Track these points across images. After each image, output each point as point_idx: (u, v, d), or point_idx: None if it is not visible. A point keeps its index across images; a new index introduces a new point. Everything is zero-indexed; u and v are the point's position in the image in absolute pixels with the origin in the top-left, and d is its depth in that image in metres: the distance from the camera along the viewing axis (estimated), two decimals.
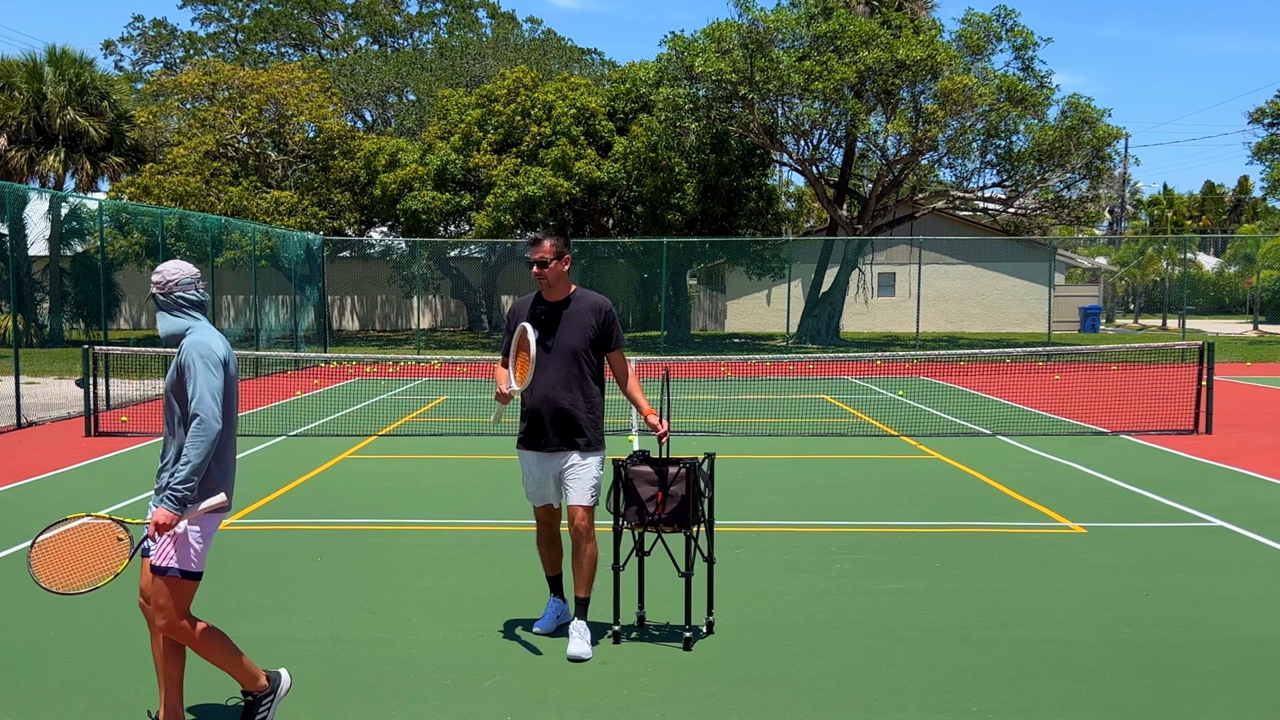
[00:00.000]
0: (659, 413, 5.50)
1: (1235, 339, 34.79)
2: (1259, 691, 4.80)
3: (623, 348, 5.55)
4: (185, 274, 4.28)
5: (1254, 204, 74.36)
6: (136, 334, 37.03)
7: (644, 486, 5.27)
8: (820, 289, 32.87)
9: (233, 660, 4.27)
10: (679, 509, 5.21)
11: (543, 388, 5.32)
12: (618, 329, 5.48)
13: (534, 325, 5.30)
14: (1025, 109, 28.76)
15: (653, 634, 5.55)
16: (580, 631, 5.30)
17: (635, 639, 5.47)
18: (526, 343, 5.15)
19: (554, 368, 5.32)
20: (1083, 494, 9.27)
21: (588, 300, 5.44)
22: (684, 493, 5.21)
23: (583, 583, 5.36)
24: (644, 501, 5.26)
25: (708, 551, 5.49)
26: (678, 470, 5.24)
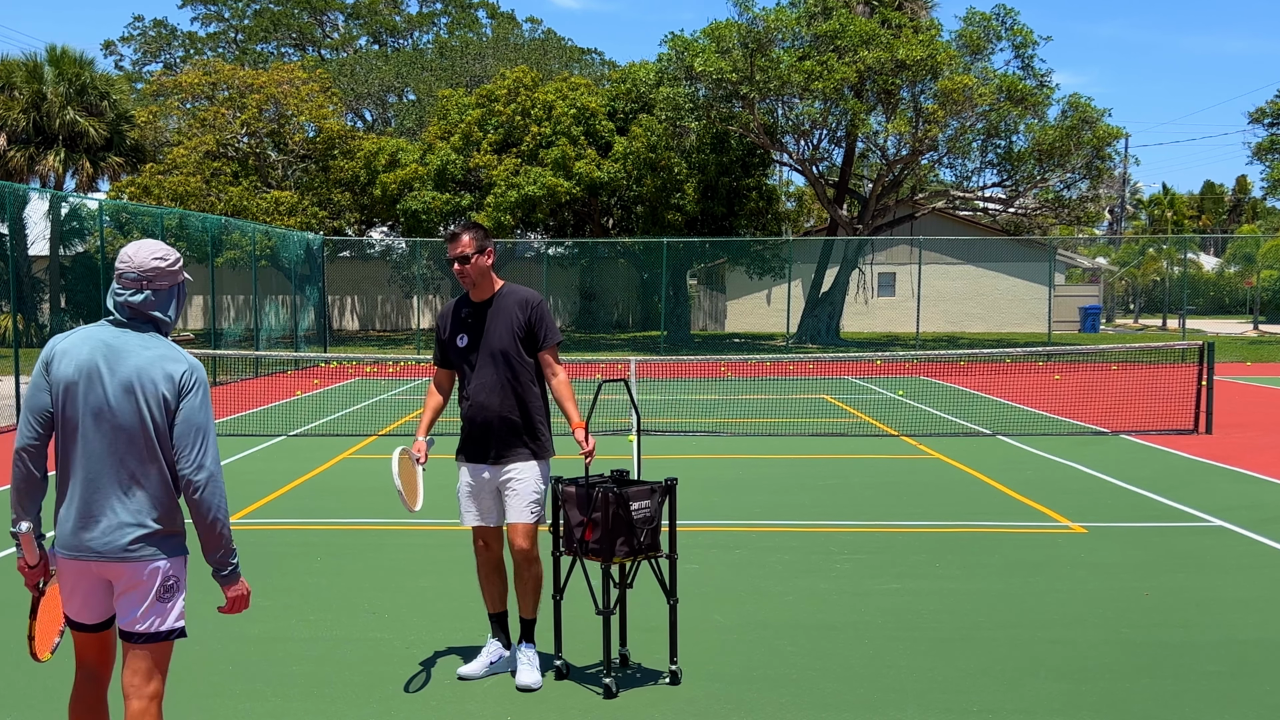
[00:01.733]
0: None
1: (1235, 339, 34.79)
2: (1259, 691, 4.80)
3: (555, 345, 4.98)
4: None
5: (1254, 204, 74.36)
6: None
7: (572, 510, 4.75)
8: (820, 289, 32.87)
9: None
10: (603, 537, 4.63)
11: (476, 394, 4.88)
12: (548, 325, 4.94)
13: (459, 329, 4.94)
14: (1025, 109, 28.76)
15: (622, 677, 4.90)
16: (529, 659, 4.88)
17: (589, 680, 4.88)
18: (410, 469, 4.85)
19: (485, 372, 4.88)
20: (1083, 494, 9.27)
21: (515, 296, 4.95)
22: (605, 521, 4.62)
23: (527, 604, 4.92)
24: (572, 526, 4.76)
25: (669, 589, 4.89)
26: (599, 494, 4.63)
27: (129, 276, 3.34)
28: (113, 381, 3.26)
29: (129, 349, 3.30)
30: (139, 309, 3.35)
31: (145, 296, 3.36)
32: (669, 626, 4.91)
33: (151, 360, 3.29)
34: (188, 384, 3.31)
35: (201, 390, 3.34)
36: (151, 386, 3.26)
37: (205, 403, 3.34)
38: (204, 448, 3.30)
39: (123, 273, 3.34)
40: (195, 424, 3.30)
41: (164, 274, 3.39)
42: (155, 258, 3.37)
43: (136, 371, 3.26)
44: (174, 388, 3.29)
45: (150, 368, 3.28)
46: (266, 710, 4.63)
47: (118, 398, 3.25)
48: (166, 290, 3.41)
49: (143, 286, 3.35)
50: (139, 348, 3.31)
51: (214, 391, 18.71)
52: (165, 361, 3.30)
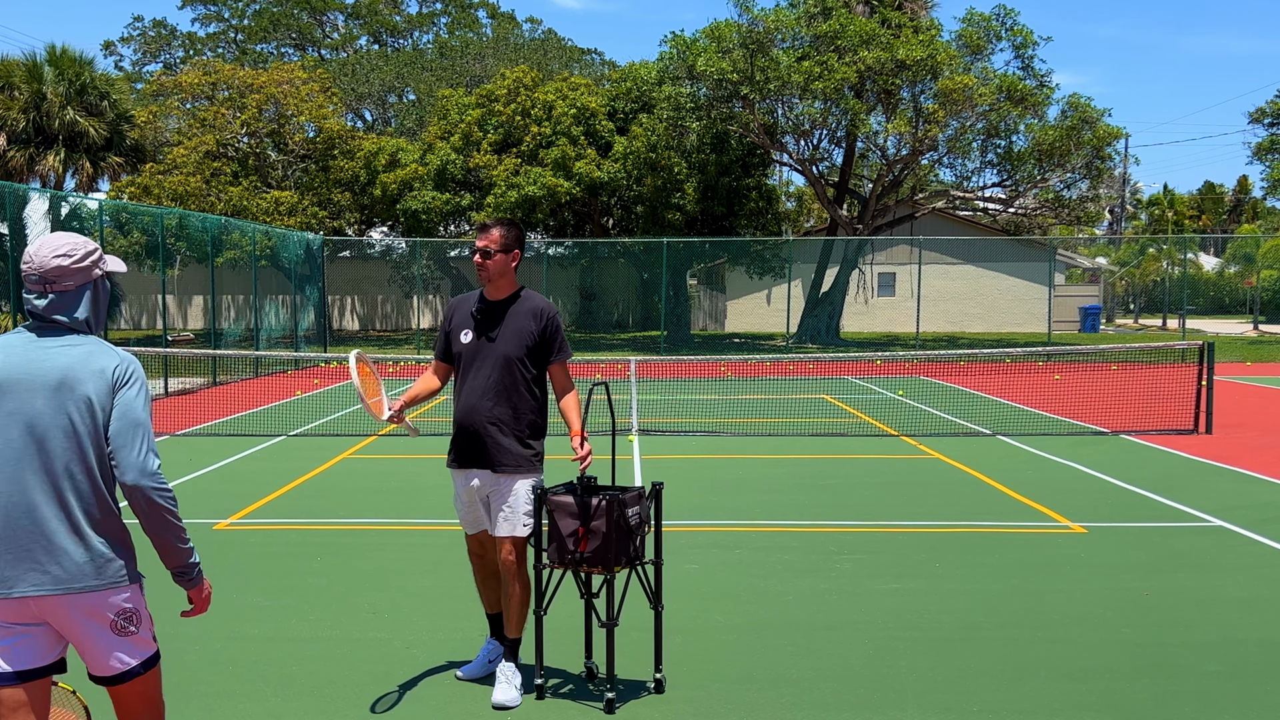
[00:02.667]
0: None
1: (1235, 339, 34.79)
2: (1259, 691, 4.80)
3: (566, 360, 4.84)
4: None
5: (1254, 204, 74.37)
6: (136, 334, 37.03)
7: (565, 520, 4.55)
8: (820, 289, 32.87)
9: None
10: (601, 547, 4.49)
11: (469, 397, 4.71)
12: (561, 339, 4.80)
13: (466, 324, 4.79)
14: (1025, 109, 28.76)
15: (582, 692, 4.78)
16: (508, 675, 4.71)
17: (566, 696, 4.74)
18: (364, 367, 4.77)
19: (483, 375, 4.69)
20: (1083, 494, 9.27)
21: (530, 303, 4.78)
22: (605, 529, 4.47)
23: (512, 623, 4.77)
24: (564, 537, 4.56)
25: (654, 595, 4.76)
26: (598, 503, 4.48)
27: (32, 279, 2.90)
28: (40, 389, 2.85)
29: (52, 351, 2.89)
30: (43, 314, 2.92)
31: (50, 300, 2.92)
32: (654, 634, 4.80)
33: (80, 358, 2.89)
34: (122, 378, 2.90)
35: (138, 383, 2.93)
36: (83, 388, 2.86)
37: (144, 396, 2.94)
38: (143, 445, 2.87)
39: (26, 274, 2.90)
40: (133, 419, 2.88)
41: (69, 272, 2.92)
42: (57, 255, 2.91)
43: (65, 373, 2.85)
44: (108, 384, 2.88)
45: (79, 367, 2.87)
46: (266, 710, 4.63)
47: (41, 408, 2.84)
48: (74, 291, 2.95)
49: (45, 290, 2.92)
50: (64, 347, 2.90)
51: (214, 392, 18.71)
52: (95, 358, 2.89)
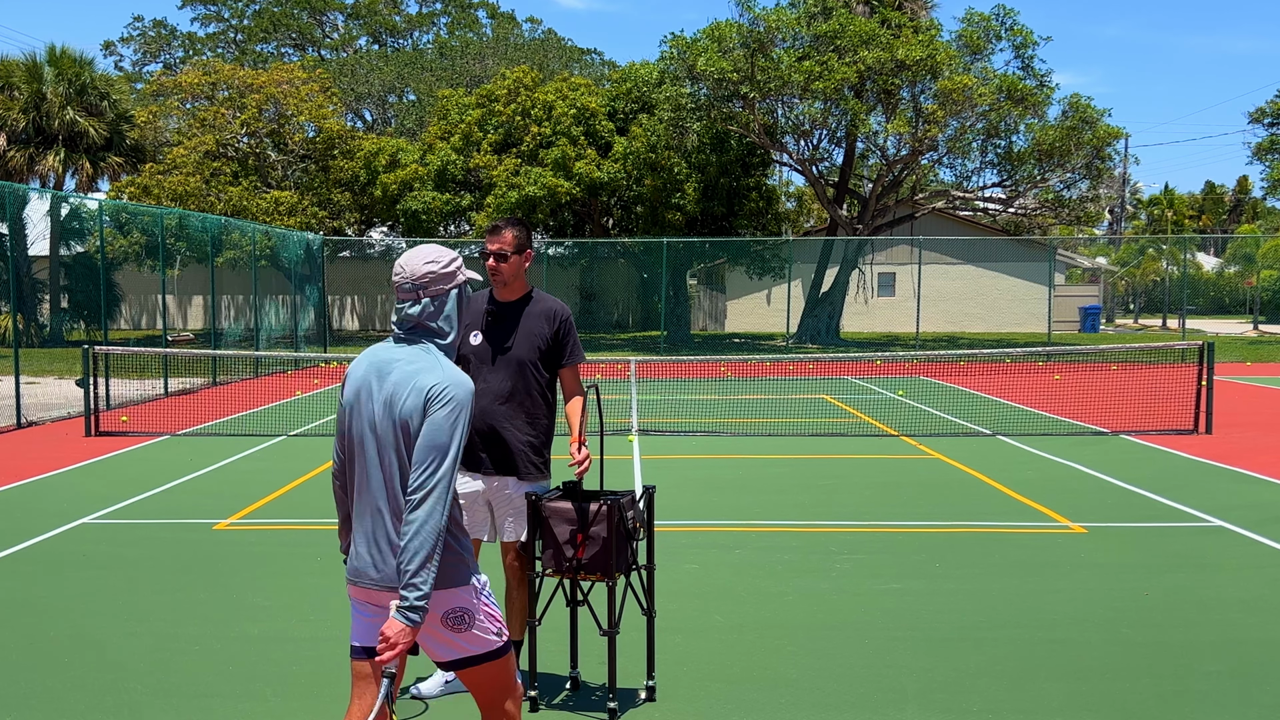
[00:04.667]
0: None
1: (1235, 339, 34.78)
2: (1259, 691, 4.80)
3: (578, 364, 4.74)
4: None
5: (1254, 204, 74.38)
6: (136, 334, 37.03)
7: (561, 526, 4.43)
8: (820, 289, 32.87)
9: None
10: (600, 553, 4.38)
11: (479, 399, 4.55)
12: (575, 342, 4.71)
13: (477, 325, 4.69)
14: (1025, 109, 28.77)
15: (582, 701, 4.71)
16: None
17: (559, 707, 4.67)
18: None
19: (495, 378, 4.60)
20: (1083, 494, 9.27)
21: (544, 305, 4.69)
22: (605, 534, 4.37)
23: (514, 626, 4.72)
24: (561, 544, 4.45)
25: (646, 602, 4.68)
26: (598, 508, 4.37)
27: (404, 288, 3.19)
28: (378, 401, 3.09)
29: (395, 365, 3.12)
30: (417, 321, 3.18)
31: (423, 306, 3.19)
32: (646, 641, 4.74)
33: (409, 375, 3.07)
34: (435, 398, 3.02)
35: (449, 406, 3.01)
36: (403, 404, 3.04)
37: (452, 421, 3.00)
38: (435, 469, 2.96)
39: (399, 284, 3.20)
40: (434, 442, 2.98)
41: (439, 278, 3.20)
42: (427, 263, 3.20)
43: (393, 388, 3.07)
44: (420, 402, 3.03)
45: (405, 382, 3.06)
46: (266, 710, 4.63)
47: (381, 418, 3.07)
48: (443, 296, 3.22)
49: (419, 296, 3.19)
50: (404, 363, 3.11)
51: (214, 392, 18.71)
52: (421, 375, 3.06)
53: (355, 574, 3.13)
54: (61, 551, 7.34)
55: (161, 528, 8.07)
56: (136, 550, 7.36)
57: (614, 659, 4.57)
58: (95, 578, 6.67)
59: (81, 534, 7.86)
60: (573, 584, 4.61)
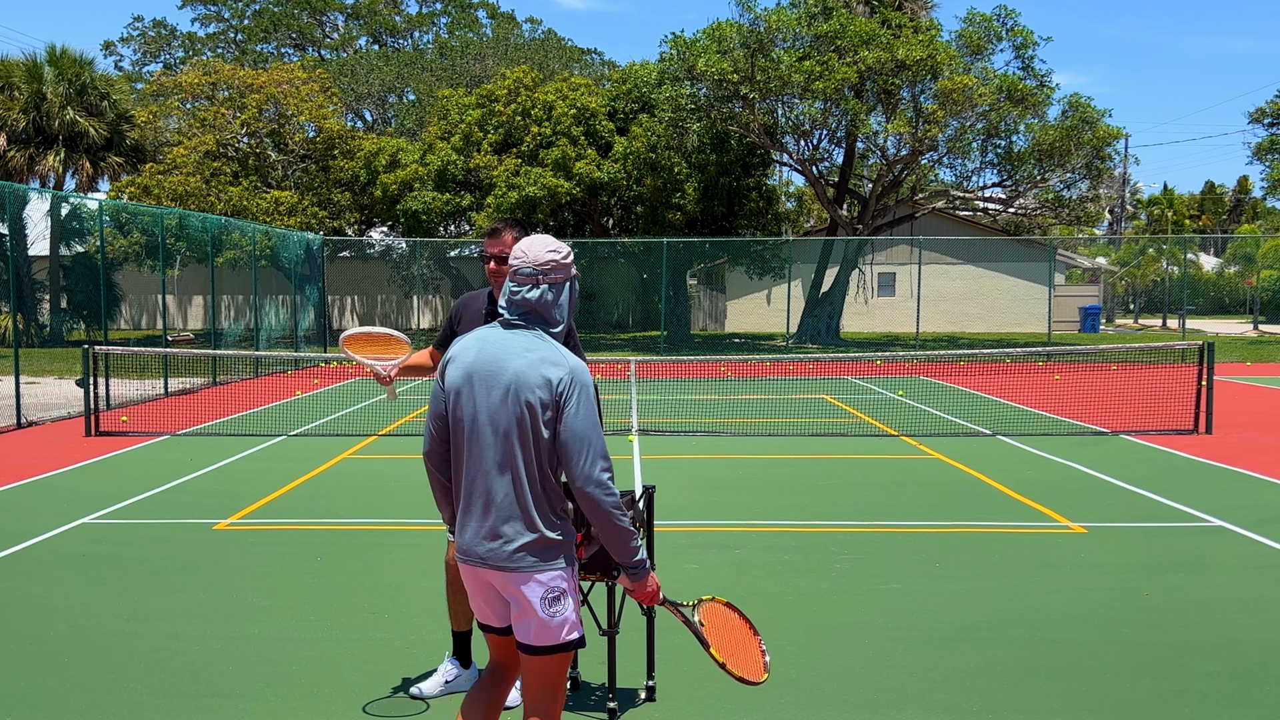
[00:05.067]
0: None
1: (1235, 339, 34.78)
2: (1259, 691, 4.80)
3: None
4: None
5: (1254, 204, 74.38)
6: (136, 334, 37.04)
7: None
8: (820, 289, 32.88)
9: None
10: (600, 552, 4.31)
11: None
12: (575, 341, 4.64)
13: (479, 324, 4.43)
14: (1025, 109, 28.77)
15: (582, 701, 4.70)
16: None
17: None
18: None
19: None
20: (1083, 494, 9.27)
21: None
22: None
23: None
24: None
25: (645, 606, 4.46)
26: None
27: (524, 272, 3.29)
28: (495, 387, 3.19)
29: (512, 352, 3.22)
30: (534, 307, 3.29)
31: (542, 292, 3.30)
32: (646, 641, 4.70)
33: (531, 364, 3.18)
34: (566, 390, 3.17)
35: (580, 395, 3.18)
36: (528, 393, 3.15)
37: (586, 408, 3.18)
38: (589, 456, 3.16)
39: (518, 269, 3.30)
40: (577, 433, 3.16)
41: (559, 267, 3.32)
42: (549, 250, 3.32)
43: (515, 376, 3.18)
44: (551, 394, 3.16)
45: (529, 372, 3.17)
46: (266, 710, 4.63)
47: (497, 404, 3.19)
48: (560, 284, 3.34)
49: (539, 281, 3.30)
50: (522, 350, 3.22)
51: (214, 392, 18.71)
52: (544, 365, 3.18)
53: (465, 553, 3.30)
54: (61, 551, 7.34)
55: (161, 528, 8.08)
56: (136, 550, 7.36)
57: (614, 659, 4.57)
58: (95, 578, 6.67)
59: (81, 534, 7.86)
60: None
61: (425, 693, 4.79)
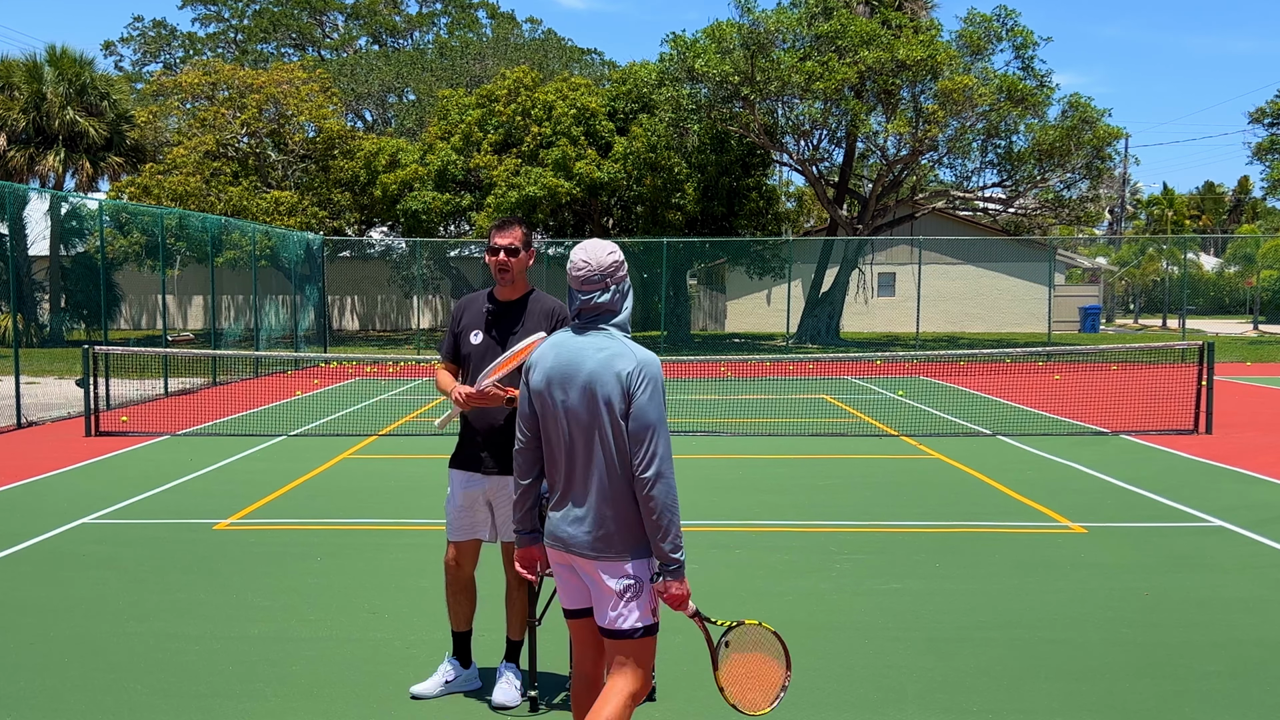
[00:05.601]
0: None
1: (1235, 339, 34.79)
2: (1259, 691, 4.80)
3: None
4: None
5: (1254, 204, 74.38)
6: (136, 334, 37.04)
7: None
8: (820, 289, 32.87)
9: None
10: None
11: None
12: None
13: (477, 324, 4.69)
14: (1025, 109, 28.77)
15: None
16: (509, 679, 4.71)
17: (559, 706, 4.64)
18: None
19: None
20: (1083, 494, 9.27)
21: (544, 304, 4.68)
22: None
23: (516, 626, 4.76)
24: None
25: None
26: None
27: (593, 279, 3.46)
28: (573, 387, 3.40)
29: (585, 353, 3.41)
30: (604, 307, 3.48)
31: (611, 293, 3.49)
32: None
33: (603, 362, 3.38)
34: (636, 382, 3.36)
35: (649, 387, 3.36)
36: (603, 389, 3.36)
37: (654, 399, 3.37)
38: (653, 446, 3.33)
39: (585, 277, 3.45)
40: (644, 422, 3.34)
41: (619, 265, 3.50)
42: (610, 254, 3.50)
43: (591, 374, 3.38)
44: (623, 387, 3.35)
45: (602, 370, 3.37)
46: (266, 710, 4.63)
47: (577, 403, 3.39)
48: (623, 280, 3.53)
49: (607, 285, 3.48)
50: (594, 350, 3.41)
51: (214, 392, 18.72)
52: (616, 361, 3.38)
53: (554, 540, 3.50)
54: (61, 551, 7.34)
55: (161, 528, 8.08)
56: (136, 550, 7.36)
57: None
58: (95, 578, 6.67)
59: (81, 534, 7.86)
60: None
61: (425, 693, 4.78)
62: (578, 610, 3.58)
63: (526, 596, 4.68)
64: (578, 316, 3.50)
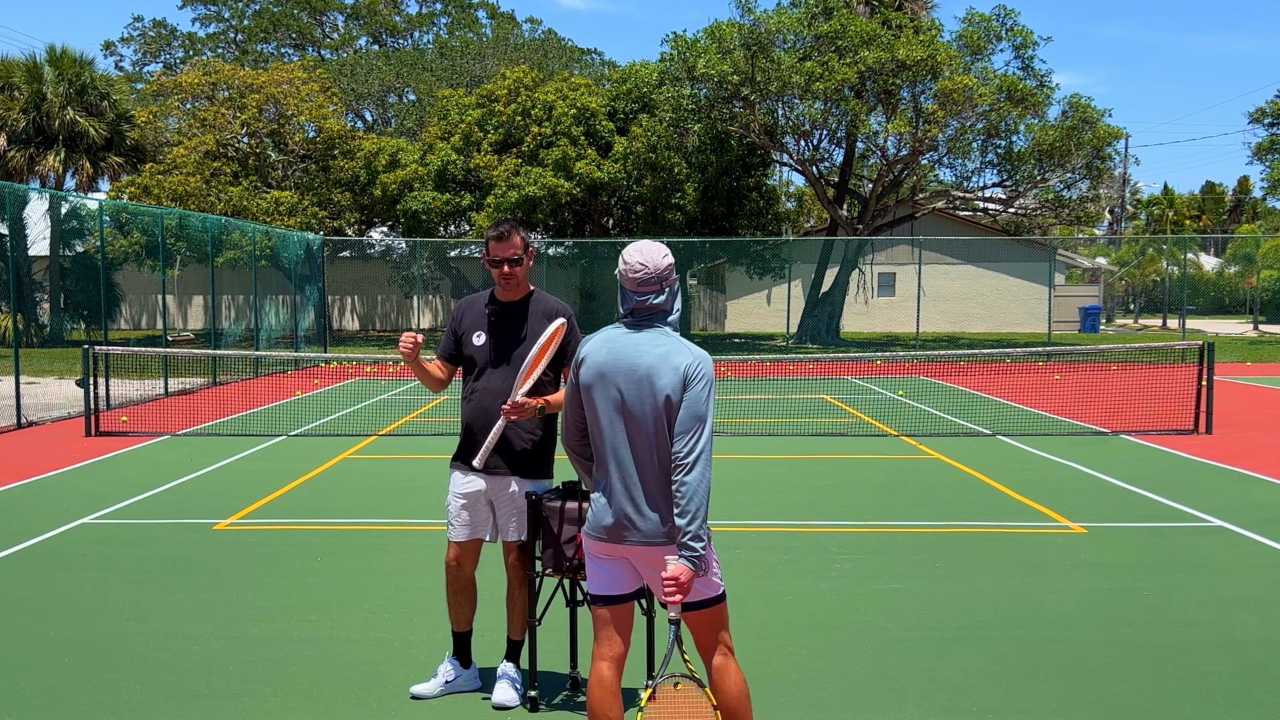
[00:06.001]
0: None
1: (1235, 339, 34.79)
2: (1259, 691, 4.80)
3: None
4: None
5: (1254, 204, 74.36)
6: (136, 334, 37.04)
7: (561, 526, 4.43)
8: (820, 289, 32.87)
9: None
10: None
11: (483, 398, 4.61)
12: (576, 341, 4.62)
13: (479, 325, 4.69)
14: (1025, 109, 28.77)
15: (581, 701, 4.68)
16: (510, 676, 4.71)
17: (559, 706, 4.64)
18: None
19: (499, 377, 4.61)
20: (1083, 494, 9.27)
21: (546, 305, 4.70)
22: None
23: (515, 626, 4.76)
24: (562, 544, 4.42)
25: (645, 603, 4.46)
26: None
27: (650, 281, 3.61)
28: (630, 382, 3.52)
29: (642, 349, 3.55)
30: (659, 307, 3.63)
31: (666, 294, 3.64)
32: (646, 641, 4.63)
33: (661, 357, 3.52)
34: (692, 375, 3.49)
35: (704, 382, 3.50)
36: (661, 382, 3.48)
37: (708, 395, 3.50)
38: (699, 436, 3.45)
39: (643, 279, 3.60)
40: (695, 413, 3.46)
41: (672, 266, 3.66)
42: (664, 256, 3.64)
43: (649, 369, 3.51)
44: (680, 380, 3.48)
45: (660, 364, 3.51)
46: (266, 710, 4.63)
47: (634, 397, 3.52)
48: (674, 281, 3.68)
49: (663, 287, 3.63)
50: (650, 347, 3.55)
51: (214, 392, 18.72)
52: (673, 356, 3.52)
53: (599, 530, 3.61)
54: (61, 551, 7.34)
55: (161, 528, 8.07)
56: (136, 550, 7.36)
57: None
58: (95, 578, 6.67)
59: (81, 534, 7.86)
60: (573, 584, 4.62)
61: (425, 693, 4.78)
62: (620, 595, 3.68)
63: (527, 596, 4.68)
64: (631, 314, 3.62)
